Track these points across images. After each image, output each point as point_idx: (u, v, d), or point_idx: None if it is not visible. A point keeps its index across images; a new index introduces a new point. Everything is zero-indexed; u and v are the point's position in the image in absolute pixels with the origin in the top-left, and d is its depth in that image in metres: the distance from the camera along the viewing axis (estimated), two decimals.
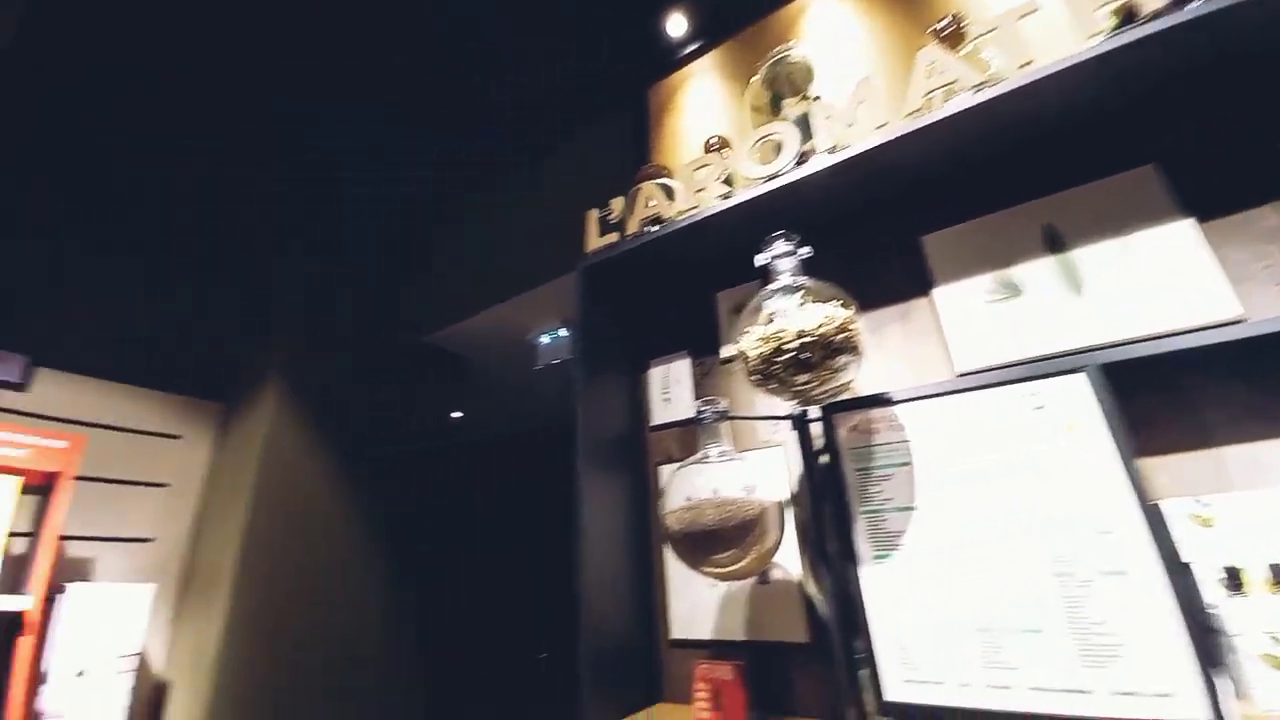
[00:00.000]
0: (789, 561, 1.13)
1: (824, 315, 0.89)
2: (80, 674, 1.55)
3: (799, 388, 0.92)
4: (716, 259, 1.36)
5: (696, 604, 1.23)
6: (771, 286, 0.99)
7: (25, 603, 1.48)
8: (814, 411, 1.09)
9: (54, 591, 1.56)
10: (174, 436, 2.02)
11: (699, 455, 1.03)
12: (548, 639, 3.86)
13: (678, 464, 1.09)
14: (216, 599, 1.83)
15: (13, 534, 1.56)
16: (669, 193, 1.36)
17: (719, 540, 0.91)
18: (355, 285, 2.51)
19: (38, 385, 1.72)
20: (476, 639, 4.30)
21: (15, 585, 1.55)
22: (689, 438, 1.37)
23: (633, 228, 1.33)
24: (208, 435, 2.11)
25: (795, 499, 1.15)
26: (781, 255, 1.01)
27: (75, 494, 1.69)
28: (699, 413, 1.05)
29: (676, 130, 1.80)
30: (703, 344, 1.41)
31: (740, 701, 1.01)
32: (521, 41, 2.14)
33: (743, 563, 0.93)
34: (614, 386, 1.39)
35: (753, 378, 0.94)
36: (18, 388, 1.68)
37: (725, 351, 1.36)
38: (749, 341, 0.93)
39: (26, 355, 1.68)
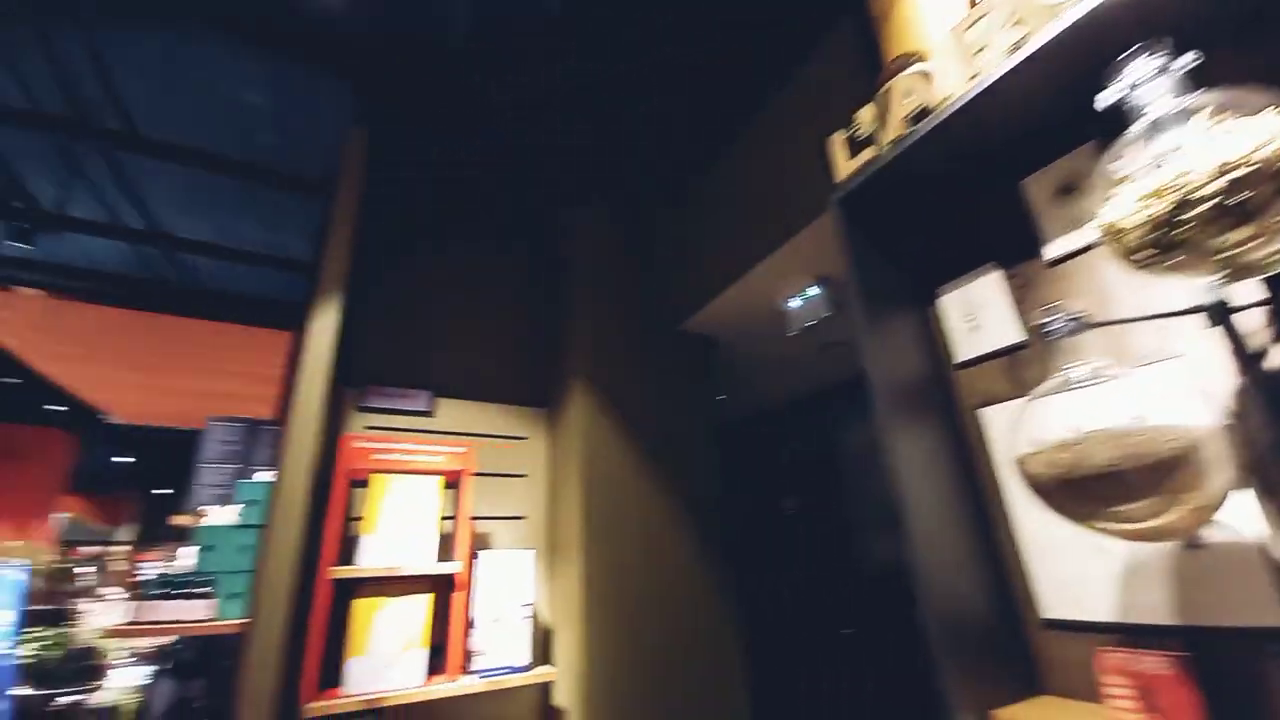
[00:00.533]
0: (1231, 515, 0.74)
1: (1266, 131, 0.54)
2: (496, 620, 1.97)
3: (1230, 252, 0.58)
4: (1013, 139, 1.01)
5: (1075, 575, 0.91)
6: (1137, 127, 0.66)
7: (456, 566, 1.95)
8: (1245, 293, 0.70)
9: (473, 558, 2.01)
10: (523, 438, 2.46)
11: (1055, 382, 0.75)
12: (850, 614, 3.59)
13: (1024, 398, 0.81)
14: (572, 564, 2.14)
15: (443, 517, 2.09)
16: (929, 79, 1.06)
17: (1123, 486, 0.63)
18: (626, 291, 2.70)
19: (440, 411, 2.28)
20: (777, 609, 4.29)
21: (447, 554, 2.06)
22: (1017, 368, 1.05)
23: (891, 134, 1.08)
24: (543, 435, 2.52)
25: (1229, 425, 0.76)
26: (1147, 79, 0.66)
27: (475, 486, 2.16)
28: (1045, 327, 0.77)
29: (909, 18, 1.44)
30: (1012, 249, 1.07)
31: (1191, 707, 0.69)
32: None
33: (1168, 517, 0.63)
34: (900, 326, 1.15)
35: (1136, 257, 0.63)
36: (427, 415, 2.25)
37: (1055, 248, 1.00)
38: (1122, 207, 0.63)
39: (430, 390, 2.24)
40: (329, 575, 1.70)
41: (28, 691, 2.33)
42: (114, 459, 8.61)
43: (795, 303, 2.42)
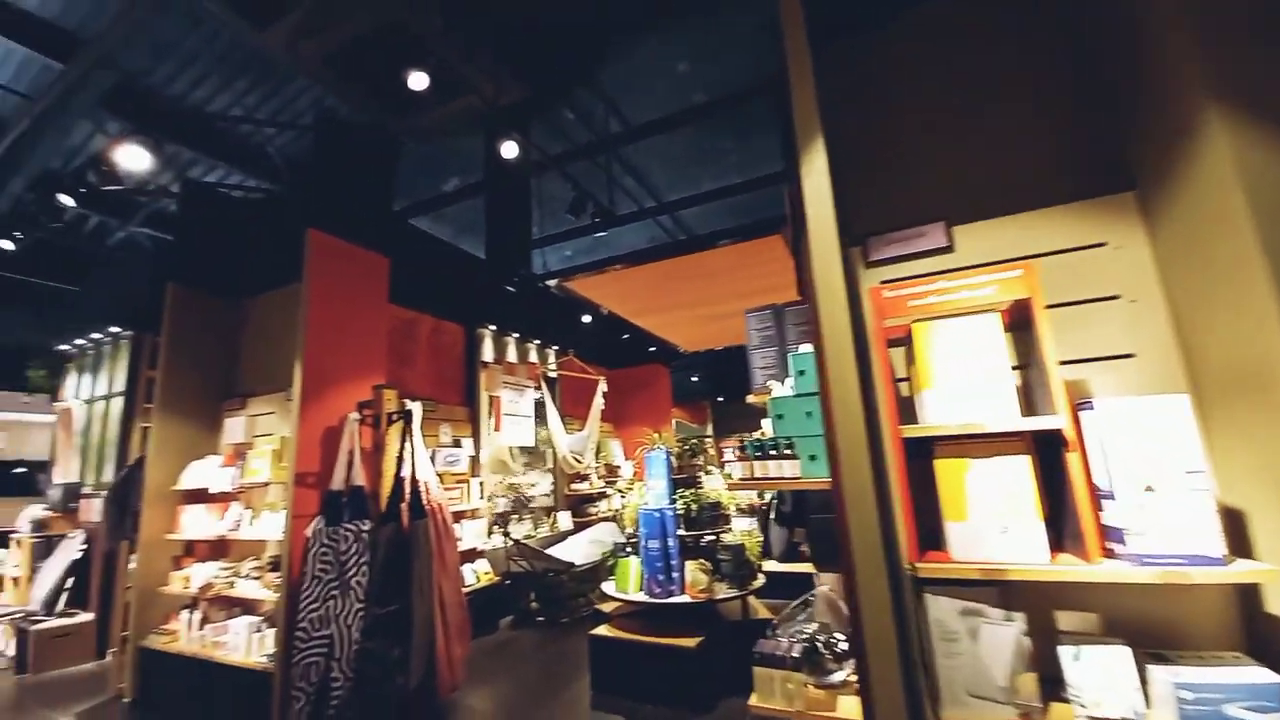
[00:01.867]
0: None
1: None
2: (1148, 491, 1.33)
3: None
4: None
5: None
6: None
7: (1056, 421, 1.41)
8: None
9: (1077, 410, 1.43)
10: (1098, 245, 1.63)
11: None
12: None
13: None
14: (1276, 413, 1.23)
15: (1014, 367, 1.58)
16: None
17: None
18: None
19: (960, 242, 1.75)
20: None
21: (1032, 409, 1.54)
22: None
23: None
24: (1137, 231, 1.59)
25: None
26: None
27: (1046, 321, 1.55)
28: None
29: None
30: None
31: None
32: None
33: None
34: None
35: None
36: (946, 251, 1.75)
37: None
38: None
39: (944, 219, 1.74)
40: (899, 434, 1.50)
41: (683, 531, 3.41)
42: (692, 379, 11.99)
43: None
